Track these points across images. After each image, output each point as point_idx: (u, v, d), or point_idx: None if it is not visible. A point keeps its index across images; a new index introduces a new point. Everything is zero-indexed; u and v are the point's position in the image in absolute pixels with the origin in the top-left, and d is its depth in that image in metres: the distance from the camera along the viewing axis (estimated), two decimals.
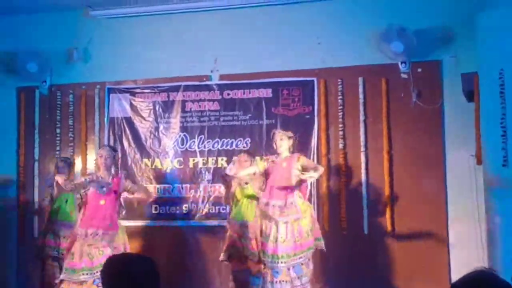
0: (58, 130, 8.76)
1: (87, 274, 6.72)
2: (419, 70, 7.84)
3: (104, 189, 6.94)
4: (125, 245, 7.21)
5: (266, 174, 6.97)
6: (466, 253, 7.26)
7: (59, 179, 7.61)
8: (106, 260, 2.66)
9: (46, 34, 8.76)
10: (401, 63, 7.80)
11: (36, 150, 8.75)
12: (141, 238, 8.27)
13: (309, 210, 6.90)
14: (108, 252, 6.69)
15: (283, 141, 6.93)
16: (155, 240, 8.26)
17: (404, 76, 7.84)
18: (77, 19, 8.73)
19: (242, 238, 7.18)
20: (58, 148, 8.70)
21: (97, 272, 6.55)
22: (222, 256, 7.30)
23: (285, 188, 6.77)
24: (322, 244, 6.93)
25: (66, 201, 7.76)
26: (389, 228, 7.74)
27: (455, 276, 7.16)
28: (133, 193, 7.45)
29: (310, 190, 7.98)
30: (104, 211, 6.93)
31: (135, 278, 2.49)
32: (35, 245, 7.93)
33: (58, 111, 8.78)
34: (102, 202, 6.93)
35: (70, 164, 8.01)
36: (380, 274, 7.68)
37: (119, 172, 7.71)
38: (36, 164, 8.73)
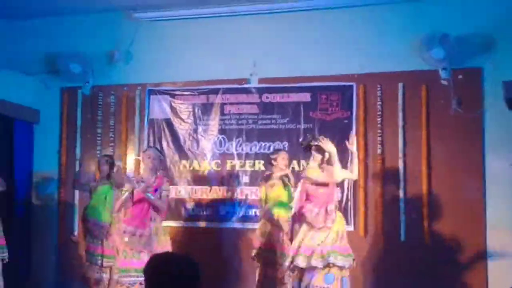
0: (99, 130, 8.90)
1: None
2: (460, 77, 7.75)
3: (150, 189, 7.04)
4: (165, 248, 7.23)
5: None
6: (504, 264, 7.16)
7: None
8: (151, 258, 2.68)
9: (89, 36, 8.91)
10: (442, 69, 7.72)
11: (78, 150, 8.90)
12: (177, 239, 8.34)
13: (342, 221, 6.49)
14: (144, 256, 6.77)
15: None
16: (191, 241, 8.33)
17: (444, 83, 7.76)
18: (120, 21, 8.86)
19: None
20: (99, 148, 8.84)
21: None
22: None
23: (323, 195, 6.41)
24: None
25: (105, 198, 7.83)
26: (426, 236, 7.67)
27: (493, 283, 7.12)
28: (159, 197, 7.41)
29: (347, 195, 7.99)
30: (145, 211, 7.01)
31: (178, 278, 2.52)
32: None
33: (100, 112, 8.93)
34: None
35: (112, 163, 8.10)
36: (416, 283, 7.61)
37: (162, 173, 7.73)
38: (77, 163, 8.87)
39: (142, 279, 6.61)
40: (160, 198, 7.16)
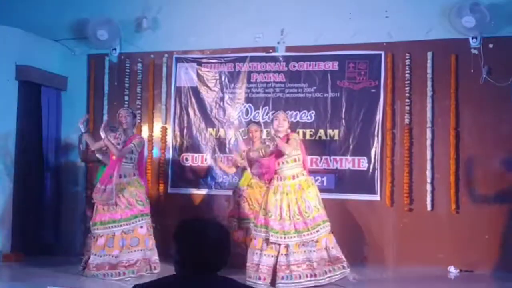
0: (126, 98, 8.93)
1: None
2: (491, 46, 7.66)
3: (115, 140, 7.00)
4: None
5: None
6: None
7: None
8: (180, 223, 2.65)
9: (117, 2, 8.92)
10: (472, 38, 7.65)
11: (105, 117, 8.93)
12: (203, 206, 8.41)
13: (314, 187, 6.45)
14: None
15: (285, 122, 6.55)
16: (216, 207, 8.39)
17: (474, 51, 7.68)
18: None
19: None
20: None
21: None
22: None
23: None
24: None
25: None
26: (453, 206, 7.64)
27: None
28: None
29: (374, 164, 7.97)
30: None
31: (209, 242, 2.52)
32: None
33: (127, 79, 8.95)
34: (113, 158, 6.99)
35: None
36: (442, 252, 7.61)
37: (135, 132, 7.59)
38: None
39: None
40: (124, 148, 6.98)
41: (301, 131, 8.25)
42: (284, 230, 6.20)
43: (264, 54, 8.51)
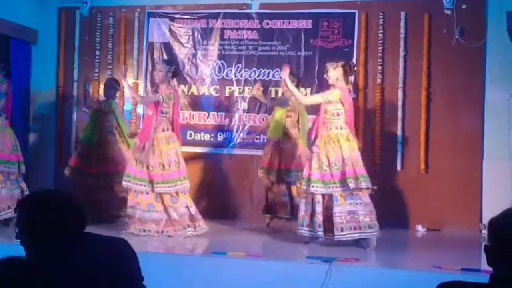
0: (97, 53, 8.81)
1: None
2: (464, 6, 7.68)
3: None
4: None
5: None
6: (498, 192, 7.19)
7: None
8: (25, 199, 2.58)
9: None
10: None
11: (76, 71, 8.83)
12: None
13: (355, 142, 6.30)
14: None
15: (330, 72, 6.36)
16: (188, 165, 8.36)
17: (447, 12, 7.69)
18: None
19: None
20: (97, 70, 8.76)
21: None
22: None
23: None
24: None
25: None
26: (422, 166, 7.72)
27: (486, 214, 7.19)
28: None
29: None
30: None
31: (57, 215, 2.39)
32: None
33: (98, 34, 8.81)
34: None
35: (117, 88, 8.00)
36: (411, 211, 7.70)
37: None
38: (75, 84, 8.81)
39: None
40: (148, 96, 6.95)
41: (273, 89, 8.24)
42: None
43: (237, 11, 8.44)
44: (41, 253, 2.36)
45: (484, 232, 6.76)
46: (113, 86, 7.89)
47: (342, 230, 6.04)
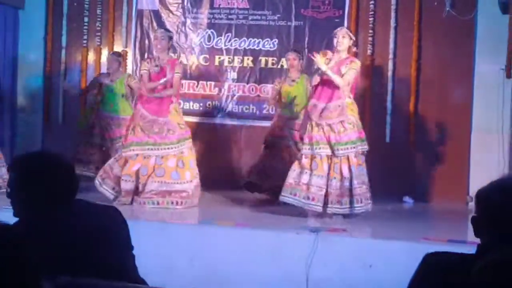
0: (86, 19, 8.70)
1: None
2: None
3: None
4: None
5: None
6: (486, 165, 7.23)
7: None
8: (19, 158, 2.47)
9: None
10: None
11: (64, 38, 8.74)
12: None
13: (355, 111, 6.25)
14: None
15: (345, 39, 6.18)
16: None
17: None
18: None
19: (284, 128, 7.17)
20: (85, 37, 8.68)
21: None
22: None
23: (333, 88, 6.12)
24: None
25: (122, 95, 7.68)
26: (411, 137, 7.74)
27: (474, 187, 7.23)
28: None
29: None
30: None
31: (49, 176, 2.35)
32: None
33: (87, 0, 8.71)
34: None
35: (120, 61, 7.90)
36: (400, 183, 7.73)
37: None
38: (63, 51, 8.73)
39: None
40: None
41: (263, 59, 8.21)
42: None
43: None
44: (30, 214, 2.33)
45: (471, 204, 6.82)
46: (115, 59, 7.76)
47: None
